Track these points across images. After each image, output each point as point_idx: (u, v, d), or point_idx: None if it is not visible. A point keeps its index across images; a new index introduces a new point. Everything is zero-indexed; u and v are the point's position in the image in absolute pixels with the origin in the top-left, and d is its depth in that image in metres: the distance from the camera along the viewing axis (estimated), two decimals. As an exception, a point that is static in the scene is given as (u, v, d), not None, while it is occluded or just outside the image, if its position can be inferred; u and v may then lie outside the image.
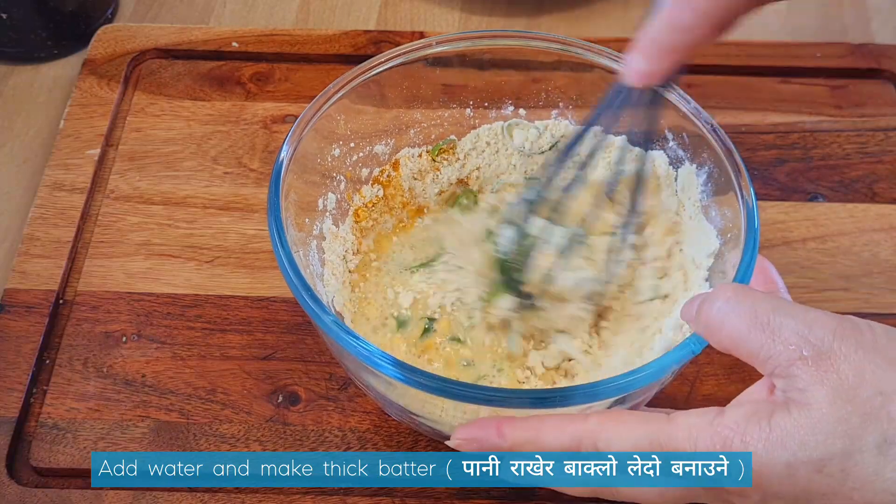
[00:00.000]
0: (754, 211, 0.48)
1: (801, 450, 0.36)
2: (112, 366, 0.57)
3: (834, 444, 0.36)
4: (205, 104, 0.71)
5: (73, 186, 0.65)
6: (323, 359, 0.58)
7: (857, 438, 0.36)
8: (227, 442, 0.54)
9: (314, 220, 0.55)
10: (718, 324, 0.39)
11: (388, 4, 0.81)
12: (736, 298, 0.39)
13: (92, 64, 0.73)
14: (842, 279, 0.62)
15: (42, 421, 0.55)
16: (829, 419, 0.36)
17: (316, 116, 0.53)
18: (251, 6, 0.81)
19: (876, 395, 0.36)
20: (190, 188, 0.66)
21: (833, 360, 0.37)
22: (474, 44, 0.56)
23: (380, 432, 0.55)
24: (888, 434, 0.35)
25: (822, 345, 0.37)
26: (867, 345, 0.37)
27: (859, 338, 0.37)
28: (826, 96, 0.71)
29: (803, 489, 0.37)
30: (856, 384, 0.36)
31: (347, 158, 0.57)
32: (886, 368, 0.36)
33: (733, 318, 0.39)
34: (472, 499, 0.53)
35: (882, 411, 0.36)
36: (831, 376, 0.36)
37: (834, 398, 0.36)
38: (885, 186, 0.66)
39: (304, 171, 0.53)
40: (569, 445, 0.41)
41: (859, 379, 0.36)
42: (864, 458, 0.36)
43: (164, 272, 0.62)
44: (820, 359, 0.37)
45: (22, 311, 0.59)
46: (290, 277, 0.46)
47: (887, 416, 0.36)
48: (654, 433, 0.39)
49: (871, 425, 0.36)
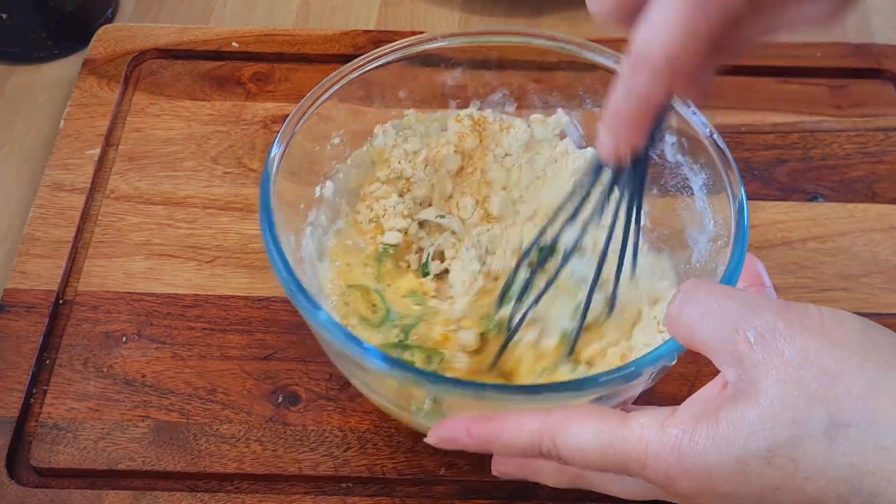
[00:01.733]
0: (744, 207, 0.48)
1: (749, 442, 0.35)
2: (112, 366, 0.57)
3: (781, 432, 0.34)
4: (205, 104, 0.71)
5: (73, 186, 0.65)
6: (323, 359, 0.58)
7: (804, 423, 0.34)
8: (227, 442, 0.54)
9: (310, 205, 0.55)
10: (676, 316, 0.39)
11: (388, 4, 0.81)
12: (693, 288, 0.39)
13: (92, 64, 0.73)
14: (842, 279, 0.62)
15: (42, 421, 0.55)
16: (776, 406, 0.35)
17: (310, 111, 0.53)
18: (251, 6, 0.81)
19: (822, 376, 0.34)
20: (190, 188, 0.66)
21: (776, 343, 0.35)
22: (474, 40, 0.57)
23: (380, 432, 0.55)
24: (835, 416, 0.34)
25: (765, 327, 0.36)
26: (813, 327, 0.36)
27: (805, 320, 0.36)
28: (826, 96, 0.71)
29: (756, 486, 0.35)
30: (800, 366, 0.35)
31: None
32: (831, 349, 0.35)
33: (690, 308, 0.38)
34: (472, 499, 0.53)
35: (829, 392, 0.34)
36: (775, 360, 0.35)
37: (779, 383, 0.35)
38: (885, 186, 0.66)
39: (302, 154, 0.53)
40: (529, 443, 0.40)
41: (804, 360, 0.35)
42: (812, 444, 0.34)
43: (164, 272, 0.62)
44: (764, 341, 0.36)
45: (22, 311, 0.59)
46: (277, 263, 0.46)
47: (834, 398, 0.34)
48: (606, 433, 0.38)
49: (817, 408, 0.34)
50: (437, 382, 0.44)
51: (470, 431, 0.42)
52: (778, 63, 0.72)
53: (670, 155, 0.55)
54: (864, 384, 0.34)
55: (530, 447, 0.41)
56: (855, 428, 0.34)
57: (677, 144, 0.54)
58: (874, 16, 0.79)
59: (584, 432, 0.39)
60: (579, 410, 0.40)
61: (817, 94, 0.71)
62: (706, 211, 0.53)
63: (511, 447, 0.41)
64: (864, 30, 0.78)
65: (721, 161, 0.50)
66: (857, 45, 0.74)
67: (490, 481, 0.53)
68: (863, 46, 0.74)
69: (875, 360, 0.35)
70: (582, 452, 0.39)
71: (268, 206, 0.48)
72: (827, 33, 0.77)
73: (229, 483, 0.54)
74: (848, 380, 0.34)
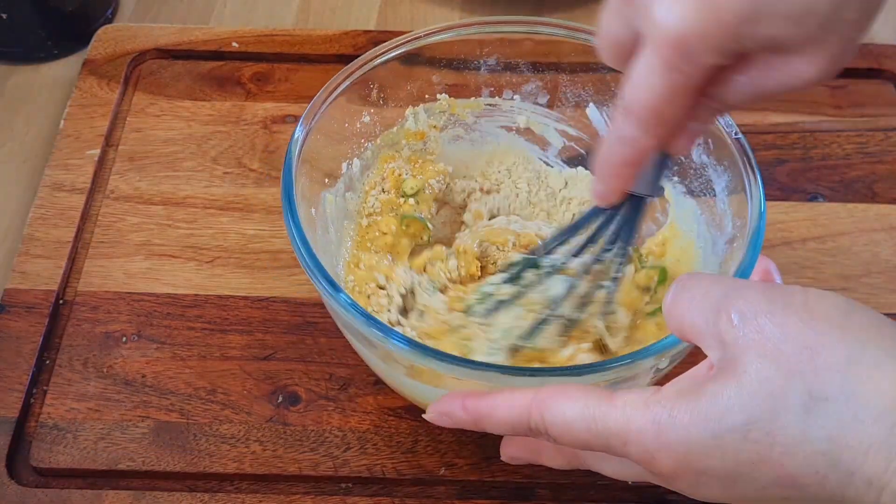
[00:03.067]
0: (762, 209, 0.48)
1: (725, 416, 0.35)
2: (112, 366, 0.57)
3: (758, 407, 0.34)
4: (205, 104, 0.71)
5: (73, 187, 0.65)
6: (323, 359, 0.58)
7: (782, 398, 0.34)
8: (227, 442, 0.54)
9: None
10: (670, 307, 0.39)
11: (388, 4, 0.81)
12: (687, 278, 0.39)
13: (92, 64, 0.73)
14: (842, 279, 0.62)
15: (42, 421, 0.55)
16: (754, 380, 0.34)
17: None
18: (251, 6, 0.81)
19: (801, 350, 0.34)
20: (190, 188, 0.66)
21: (758, 320, 0.35)
22: (481, 30, 0.57)
23: (380, 432, 0.55)
24: (813, 389, 0.34)
25: (747, 305, 0.36)
26: (796, 303, 0.36)
27: (788, 299, 0.36)
28: (826, 96, 0.71)
29: (732, 461, 0.35)
30: (780, 341, 0.35)
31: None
32: (813, 324, 0.35)
33: (683, 296, 0.39)
34: (472, 499, 0.53)
35: (808, 366, 0.34)
36: (755, 336, 0.35)
37: (758, 358, 0.35)
38: (885, 186, 0.66)
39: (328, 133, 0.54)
40: (518, 418, 0.41)
41: (784, 336, 0.35)
42: (789, 418, 0.34)
43: (164, 272, 0.62)
44: (745, 318, 0.36)
45: (22, 311, 0.59)
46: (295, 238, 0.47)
47: (813, 371, 0.34)
48: (590, 408, 0.38)
49: (795, 382, 0.34)
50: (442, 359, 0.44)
51: (465, 407, 0.43)
52: (778, 63, 0.72)
53: (696, 156, 0.55)
54: (844, 357, 0.34)
55: (519, 422, 0.41)
56: (833, 401, 0.34)
57: (703, 145, 0.54)
58: (874, 16, 0.79)
59: (571, 407, 0.39)
60: (567, 387, 0.40)
61: (817, 94, 0.71)
62: (726, 212, 0.52)
63: (502, 423, 0.42)
64: (864, 30, 0.78)
65: (743, 162, 0.50)
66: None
67: (490, 481, 0.53)
68: (863, 46, 0.73)
69: (856, 334, 0.35)
70: (567, 427, 0.39)
71: (290, 182, 0.49)
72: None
73: (229, 483, 0.54)
74: (827, 353, 0.34)
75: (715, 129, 0.52)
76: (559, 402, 0.39)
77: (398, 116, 0.59)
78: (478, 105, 0.60)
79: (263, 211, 0.65)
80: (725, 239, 0.52)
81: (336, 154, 0.56)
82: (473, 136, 0.61)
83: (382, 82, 0.56)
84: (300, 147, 0.51)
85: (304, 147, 0.51)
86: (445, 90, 0.59)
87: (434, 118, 0.59)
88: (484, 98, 0.60)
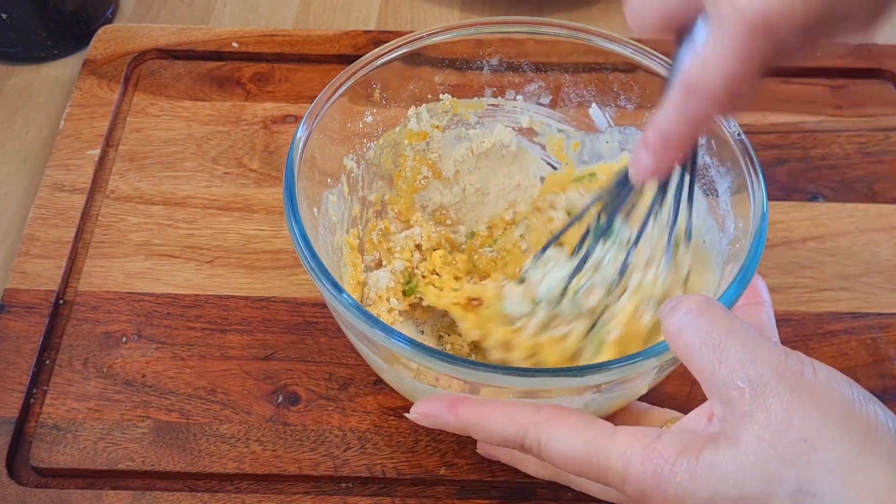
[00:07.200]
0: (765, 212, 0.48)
1: (721, 485, 0.36)
2: (112, 366, 0.57)
3: (752, 486, 0.36)
4: (205, 104, 0.71)
5: (73, 187, 0.65)
6: (323, 359, 0.58)
7: (775, 483, 0.36)
8: (227, 442, 0.54)
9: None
10: (676, 333, 0.40)
11: (388, 4, 0.81)
12: (698, 311, 0.39)
13: (92, 64, 0.73)
14: (842, 279, 0.62)
15: (42, 421, 0.55)
16: (751, 461, 0.36)
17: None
18: (251, 6, 0.81)
19: (800, 441, 0.36)
20: (190, 188, 0.66)
21: (766, 398, 0.37)
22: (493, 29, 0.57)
23: (380, 432, 0.55)
24: (804, 483, 0.35)
25: (759, 379, 0.37)
26: (804, 387, 0.37)
27: (798, 379, 0.37)
28: (826, 96, 0.71)
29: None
30: (783, 427, 0.36)
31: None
32: (815, 416, 0.36)
33: (690, 331, 0.39)
34: (472, 499, 0.53)
35: (803, 458, 0.36)
36: (760, 415, 0.36)
37: (759, 439, 0.36)
38: (885, 186, 0.66)
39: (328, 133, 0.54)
40: (514, 435, 0.41)
41: (787, 422, 0.36)
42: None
43: (164, 272, 0.62)
44: (755, 393, 0.37)
45: (22, 311, 0.59)
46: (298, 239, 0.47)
47: (807, 464, 0.35)
48: (592, 443, 0.40)
49: (789, 472, 0.36)
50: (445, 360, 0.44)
51: (456, 412, 0.43)
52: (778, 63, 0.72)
53: (699, 157, 0.55)
54: (838, 458, 0.35)
55: (514, 439, 0.42)
56: (820, 498, 0.35)
57: (706, 146, 0.54)
58: (874, 16, 0.79)
59: (571, 438, 0.40)
60: (569, 415, 0.41)
61: (817, 94, 0.71)
62: (728, 214, 0.52)
63: (494, 435, 0.42)
64: (864, 30, 0.78)
65: (746, 163, 0.50)
66: (857, 45, 0.74)
67: (490, 481, 0.53)
68: (863, 46, 0.74)
69: (854, 436, 0.36)
70: (565, 457, 0.40)
71: (292, 182, 0.49)
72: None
73: (229, 483, 0.54)
74: (823, 450, 0.36)
75: (718, 129, 0.52)
76: (560, 430, 0.40)
77: (401, 116, 0.59)
78: (480, 105, 0.60)
79: (263, 211, 0.65)
80: (728, 240, 0.52)
81: (338, 154, 0.56)
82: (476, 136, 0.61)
83: (385, 82, 0.56)
84: (303, 146, 0.51)
85: (307, 147, 0.51)
86: (448, 90, 0.59)
87: (437, 118, 0.59)
88: (487, 98, 0.60)
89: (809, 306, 0.60)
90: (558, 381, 0.43)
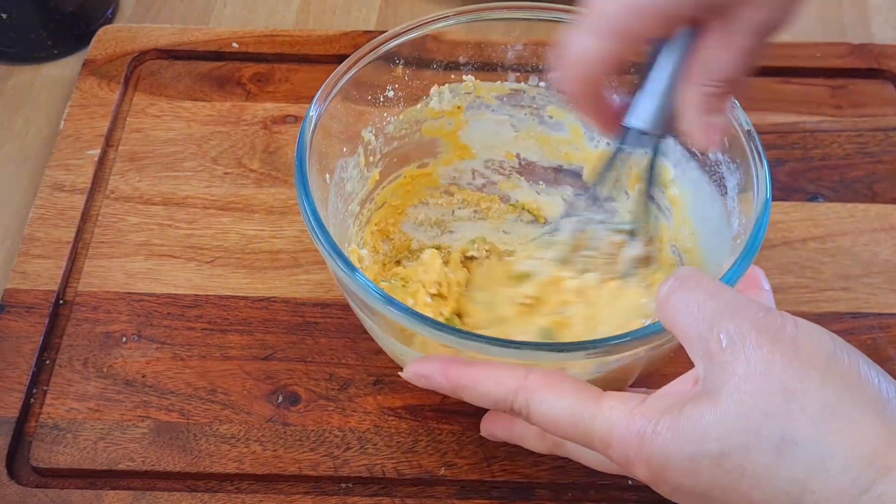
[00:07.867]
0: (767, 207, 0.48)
1: (702, 441, 0.36)
2: (112, 366, 0.57)
3: (733, 439, 0.36)
4: (205, 105, 0.71)
5: (73, 187, 0.65)
6: (323, 359, 0.58)
7: (757, 434, 0.35)
8: (227, 442, 0.54)
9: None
10: (664, 300, 0.40)
11: (388, 4, 0.81)
12: (685, 278, 0.40)
13: (92, 64, 0.73)
14: (842, 279, 0.62)
15: (42, 421, 0.55)
16: (732, 413, 0.36)
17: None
18: (251, 7, 0.81)
19: (781, 391, 0.35)
20: (190, 188, 0.66)
21: (745, 350, 0.36)
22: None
23: (380, 432, 0.55)
24: (786, 432, 0.35)
25: (738, 332, 0.37)
26: (784, 339, 0.36)
27: (778, 331, 0.37)
28: (826, 96, 0.71)
29: (706, 482, 0.36)
30: (763, 378, 0.36)
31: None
32: (796, 366, 0.36)
33: (677, 297, 0.39)
34: (472, 499, 0.53)
35: (784, 408, 0.35)
36: (740, 367, 0.36)
37: (739, 390, 0.36)
38: (885, 186, 0.66)
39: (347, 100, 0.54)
40: (503, 397, 0.42)
41: (767, 372, 0.36)
42: (760, 455, 0.35)
43: (164, 272, 0.62)
44: (734, 346, 0.36)
45: (22, 311, 0.59)
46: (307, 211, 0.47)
47: (788, 413, 0.35)
48: (578, 406, 0.40)
49: (771, 422, 0.35)
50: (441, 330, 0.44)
51: (447, 373, 0.43)
52: (778, 63, 0.72)
53: (711, 152, 0.55)
54: (820, 405, 0.35)
55: (503, 401, 0.42)
56: (803, 447, 0.35)
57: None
58: (874, 16, 0.79)
59: (559, 402, 0.40)
60: (559, 379, 0.41)
61: (817, 94, 0.71)
62: (734, 210, 0.52)
63: (484, 397, 0.43)
64: (863, 30, 0.78)
65: (754, 159, 0.50)
66: (857, 45, 0.74)
67: (490, 481, 0.53)
68: (863, 46, 0.74)
69: (836, 383, 0.36)
70: (552, 420, 0.41)
71: (303, 154, 0.49)
72: (826, 33, 0.78)
73: (229, 483, 0.54)
74: (805, 399, 0.35)
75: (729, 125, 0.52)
76: (548, 394, 0.41)
77: (422, 94, 0.59)
78: (503, 89, 0.60)
79: (264, 211, 0.65)
80: (731, 236, 0.52)
81: (356, 123, 0.56)
82: (497, 118, 0.61)
83: (408, 58, 0.56)
84: (319, 114, 0.51)
85: (324, 113, 0.51)
86: (471, 72, 0.59)
87: (459, 98, 0.59)
88: (510, 83, 0.60)
89: (809, 306, 0.60)
90: (554, 357, 0.43)
